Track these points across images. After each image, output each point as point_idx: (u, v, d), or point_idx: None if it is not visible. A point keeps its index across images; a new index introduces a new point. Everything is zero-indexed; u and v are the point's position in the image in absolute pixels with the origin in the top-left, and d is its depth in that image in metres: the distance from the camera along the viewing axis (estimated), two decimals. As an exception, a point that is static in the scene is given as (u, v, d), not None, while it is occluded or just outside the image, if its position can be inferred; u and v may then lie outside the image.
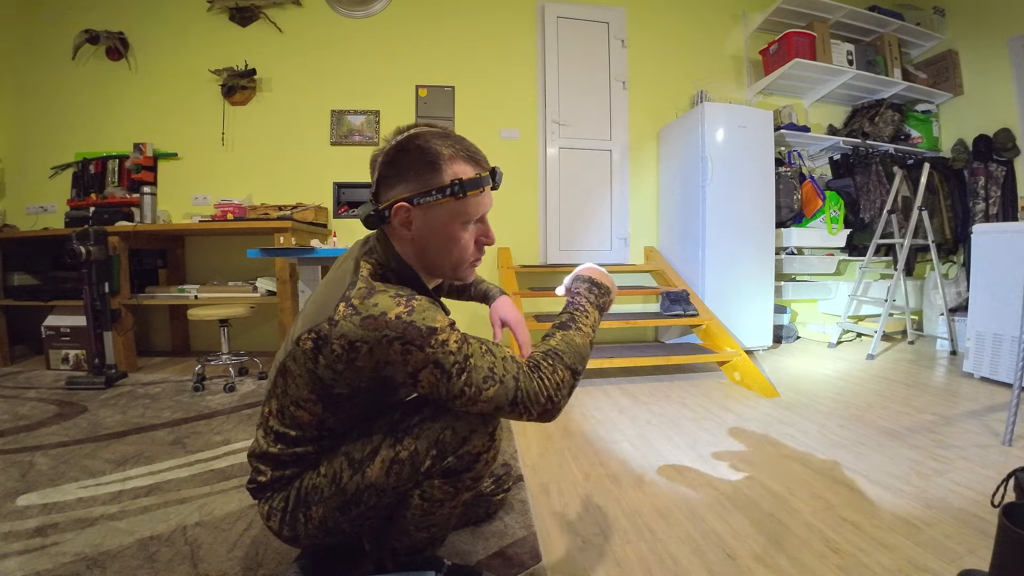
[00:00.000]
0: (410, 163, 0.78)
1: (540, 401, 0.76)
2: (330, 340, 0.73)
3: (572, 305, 0.89)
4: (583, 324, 0.86)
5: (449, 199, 0.77)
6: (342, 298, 0.75)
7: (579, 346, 0.82)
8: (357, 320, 0.71)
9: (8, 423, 1.90)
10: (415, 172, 0.78)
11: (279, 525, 0.85)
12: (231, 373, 2.44)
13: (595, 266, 0.96)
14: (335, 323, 0.72)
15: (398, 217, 0.79)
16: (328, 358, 0.74)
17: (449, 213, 0.79)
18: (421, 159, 0.77)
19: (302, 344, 0.76)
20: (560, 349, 0.81)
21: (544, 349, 0.81)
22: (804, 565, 1.03)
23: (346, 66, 3.42)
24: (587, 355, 0.84)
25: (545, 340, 0.83)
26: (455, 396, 0.74)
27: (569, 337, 0.83)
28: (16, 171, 3.33)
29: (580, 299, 0.90)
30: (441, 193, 0.77)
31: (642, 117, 3.68)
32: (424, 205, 0.78)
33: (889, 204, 3.30)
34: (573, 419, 1.98)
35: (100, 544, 1.09)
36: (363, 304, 0.72)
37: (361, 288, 0.75)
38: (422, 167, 0.77)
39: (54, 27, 3.30)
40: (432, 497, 0.81)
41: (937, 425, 1.87)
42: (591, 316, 0.88)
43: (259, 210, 3.07)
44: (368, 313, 0.71)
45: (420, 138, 0.78)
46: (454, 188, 0.77)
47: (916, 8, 3.84)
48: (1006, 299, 2.29)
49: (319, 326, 0.74)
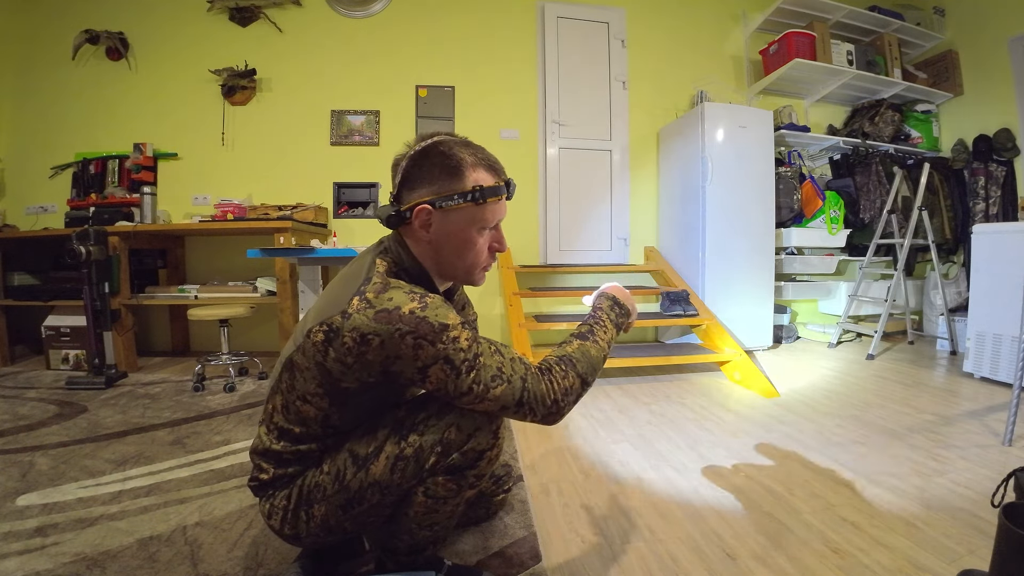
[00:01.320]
0: (434, 168, 0.81)
1: (546, 404, 0.79)
2: (342, 333, 0.73)
3: (593, 318, 0.94)
4: (600, 338, 0.90)
5: (469, 204, 0.80)
6: (356, 292, 0.76)
7: (593, 357, 0.86)
8: (371, 314, 0.73)
9: (8, 423, 1.91)
10: (438, 176, 0.80)
11: (280, 524, 0.85)
12: (231, 373, 2.44)
13: (621, 287, 1.01)
14: (348, 316, 0.73)
15: (419, 219, 0.81)
16: (339, 351, 0.74)
17: (468, 218, 0.82)
18: (444, 164, 0.80)
19: (312, 336, 0.77)
20: (575, 357, 0.84)
21: (559, 354, 0.85)
22: (804, 565, 1.03)
23: (346, 66, 3.42)
24: (599, 367, 0.87)
25: (562, 346, 0.87)
26: (463, 393, 0.75)
27: (585, 348, 0.87)
28: (16, 171, 3.34)
29: (601, 314, 0.94)
30: (463, 198, 0.80)
31: (642, 117, 3.68)
32: (445, 208, 0.80)
33: (889, 204, 3.30)
34: (573, 419, 1.98)
35: (100, 544, 1.09)
36: (377, 299, 0.74)
37: (376, 283, 0.77)
38: (445, 172, 0.80)
39: (54, 27, 3.30)
40: (436, 494, 0.82)
41: (937, 425, 1.87)
42: (609, 332, 0.92)
43: (259, 210, 3.07)
44: (382, 307, 0.73)
45: (444, 145, 0.82)
46: (475, 194, 0.80)
47: (916, 8, 3.84)
48: (1006, 299, 2.29)
49: (331, 319, 0.75)
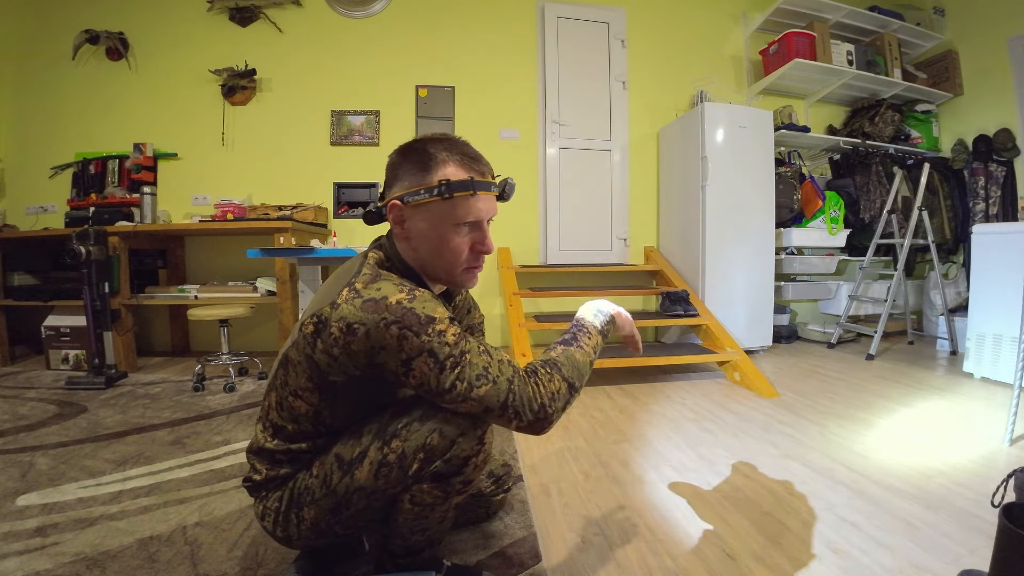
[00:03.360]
0: (408, 164, 0.82)
1: (533, 408, 0.76)
2: (329, 323, 0.74)
3: (576, 325, 0.92)
4: (585, 343, 0.88)
5: (436, 199, 0.79)
6: (347, 284, 0.76)
7: (579, 362, 0.84)
8: (358, 303, 0.73)
9: (8, 423, 1.90)
10: (409, 172, 0.81)
11: (273, 525, 0.85)
12: (231, 373, 2.44)
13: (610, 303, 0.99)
14: (336, 306, 0.74)
15: (392, 215, 0.82)
16: (326, 342, 0.74)
17: (439, 214, 0.81)
18: (416, 160, 0.81)
19: (304, 329, 0.77)
20: (560, 361, 0.82)
21: (543, 359, 0.83)
22: (804, 565, 1.03)
23: (346, 66, 3.42)
24: (586, 373, 0.86)
25: (546, 352, 0.86)
26: (446, 391, 0.73)
27: (570, 353, 0.85)
28: (16, 171, 3.33)
29: (584, 321, 0.93)
30: (428, 192, 0.79)
31: (642, 117, 3.68)
32: (413, 204, 0.80)
33: (889, 204, 3.30)
34: (573, 419, 1.98)
35: (100, 544, 1.09)
36: (366, 289, 0.75)
37: (366, 275, 0.77)
38: (416, 167, 0.81)
39: (54, 27, 3.30)
40: (422, 501, 0.81)
41: (937, 425, 1.87)
42: (593, 338, 0.90)
43: (259, 210, 3.07)
44: (370, 296, 0.73)
45: (421, 142, 0.82)
46: (440, 188, 0.79)
47: (916, 8, 3.84)
48: (1006, 299, 2.29)
49: (321, 310, 0.76)
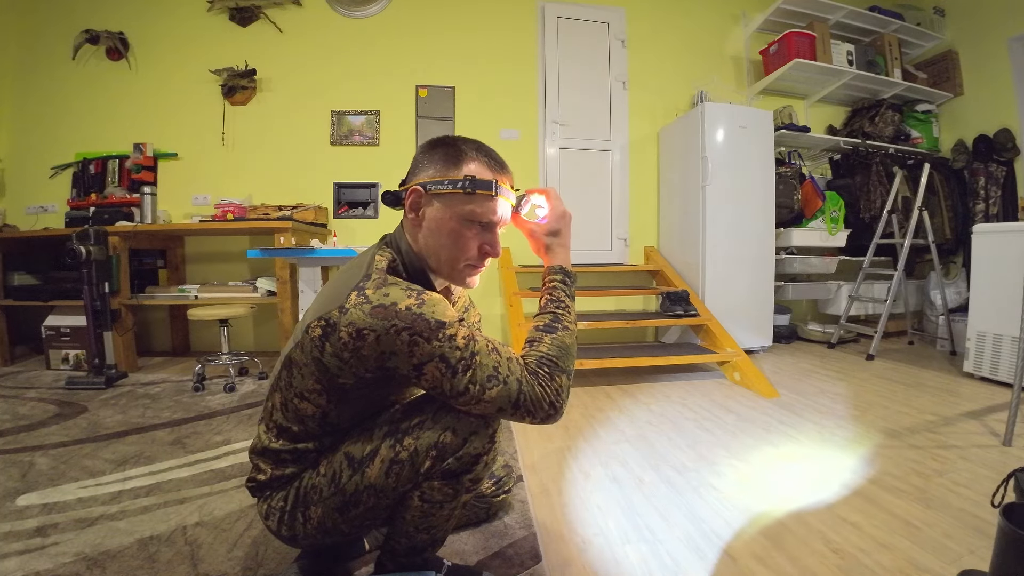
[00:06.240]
0: (435, 155, 0.84)
1: (543, 407, 0.77)
2: (338, 327, 0.73)
3: (553, 303, 0.88)
4: (568, 323, 0.86)
5: (459, 192, 0.81)
6: (355, 288, 0.76)
7: (568, 346, 0.83)
8: (367, 308, 0.72)
9: (8, 423, 1.90)
10: (437, 162, 0.83)
11: (277, 525, 0.85)
12: (231, 373, 2.44)
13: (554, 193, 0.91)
14: (345, 311, 0.73)
15: (410, 199, 0.83)
16: (335, 346, 0.74)
17: (455, 206, 0.82)
18: (445, 153, 0.83)
19: (311, 332, 0.77)
20: (553, 355, 0.80)
21: (537, 356, 0.80)
22: (804, 565, 1.03)
23: (346, 66, 3.42)
24: (575, 353, 0.85)
25: (534, 345, 0.82)
26: (459, 393, 0.74)
27: (559, 339, 0.83)
28: (16, 171, 3.33)
29: (559, 293, 0.89)
30: (452, 184, 0.81)
31: (642, 117, 3.67)
32: (434, 193, 0.82)
33: (889, 204, 3.30)
34: (573, 419, 1.98)
35: (100, 544, 1.09)
36: (375, 293, 0.74)
37: (375, 279, 0.77)
38: (444, 159, 0.83)
39: (54, 27, 3.30)
40: (432, 499, 0.81)
41: (937, 425, 1.87)
42: (572, 312, 0.88)
43: (259, 210, 3.07)
44: (379, 302, 0.73)
45: (453, 138, 0.86)
46: (465, 182, 0.80)
47: (916, 8, 3.84)
48: (1006, 299, 2.29)
49: (329, 314, 0.75)
